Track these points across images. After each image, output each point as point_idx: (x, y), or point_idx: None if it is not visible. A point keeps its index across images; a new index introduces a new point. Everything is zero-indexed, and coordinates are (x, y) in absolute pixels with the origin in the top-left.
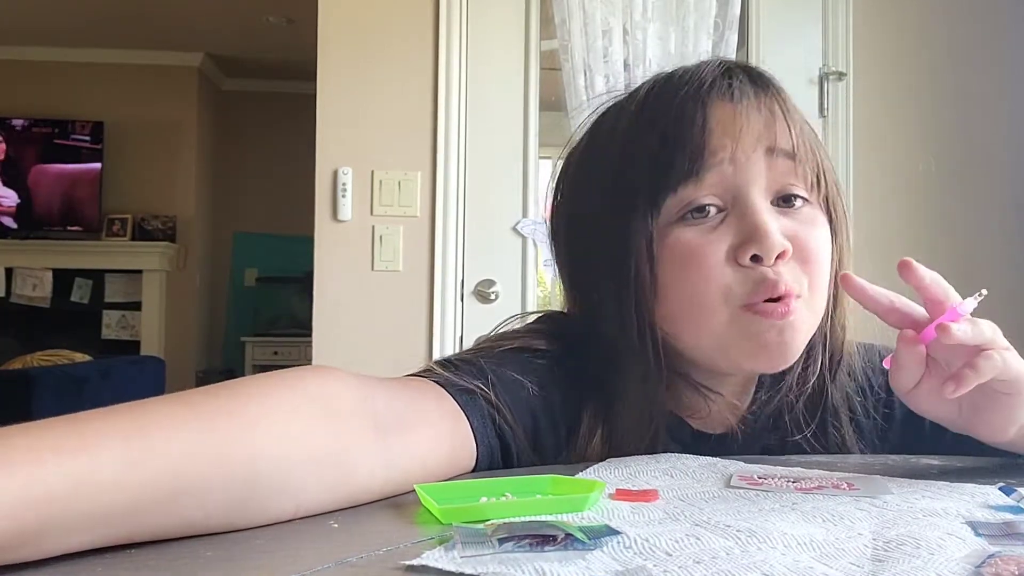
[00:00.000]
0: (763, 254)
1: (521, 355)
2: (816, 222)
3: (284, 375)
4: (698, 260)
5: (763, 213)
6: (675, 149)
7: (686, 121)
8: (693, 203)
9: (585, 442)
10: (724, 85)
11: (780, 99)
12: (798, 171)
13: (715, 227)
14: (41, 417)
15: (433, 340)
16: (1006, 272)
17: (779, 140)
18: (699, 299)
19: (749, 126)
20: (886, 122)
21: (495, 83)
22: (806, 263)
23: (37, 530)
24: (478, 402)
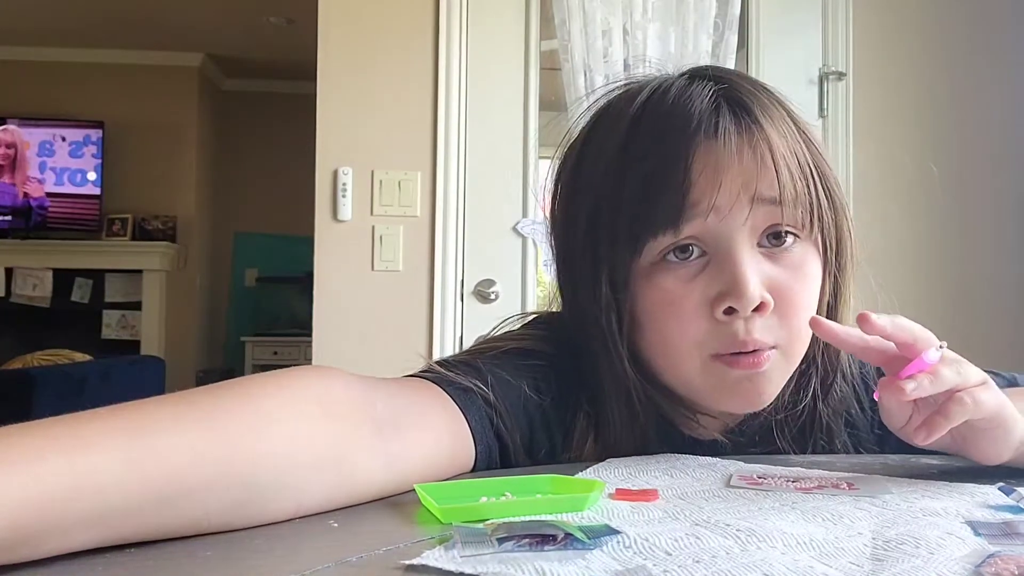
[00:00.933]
0: (739, 308)
1: (518, 357)
2: (804, 263)
3: (284, 375)
4: (675, 309)
5: (743, 264)
6: (656, 196)
7: (669, 168)
8: (675, 244)
9: (579, 445)
10: (711, 126)
11: (769, 137)
12: (784, 214)
13: (696, 274)
14: (41, 417)
15: (433, 340)
16: (1006, 272)
17: (763, 188)
18: (674, 345)
19: (731, 175)
20: (886, 122)
21: (495, 83)
22: (786, 314)
23: (37, 530)
24: (476, 402)
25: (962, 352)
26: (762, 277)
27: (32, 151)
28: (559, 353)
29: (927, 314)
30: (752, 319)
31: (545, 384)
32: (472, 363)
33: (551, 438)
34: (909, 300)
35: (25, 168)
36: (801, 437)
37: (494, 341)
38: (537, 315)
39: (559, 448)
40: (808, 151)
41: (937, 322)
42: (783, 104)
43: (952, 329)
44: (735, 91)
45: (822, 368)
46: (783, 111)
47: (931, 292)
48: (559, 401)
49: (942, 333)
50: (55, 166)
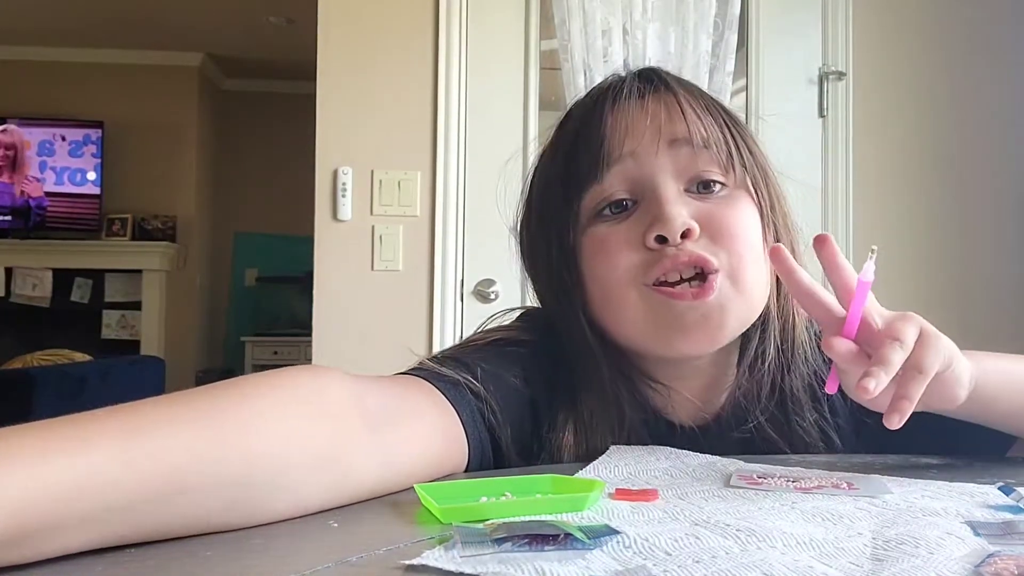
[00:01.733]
0: (666, 233)
1: (504, 347)
2: (735, 202)
3: (278, 375)
4: (607, 249)
5: (667, 197)
6: (578, 156)
7: (586, 127)
8: (606, 199)
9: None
10: (621, 89)
11: (676, 93)
12: (702, 155)
13: (626, 218)
14: (41, 417)
15: (433, 340)
16: (1006, 271)
17: (674, 131)
18: (609, 285)
19: (640, 122)
20: (886, 122)
21: (495, 83)
22: (720, 238)
23: (37, 529)
24: (466, 396)
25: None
26: (689, 211)
27: (32, 151)
28: (544, 341)
29: (927, 313)
30: (683, 244)
31: (532, 371)
32: (461, 358)
33: (536, 426)
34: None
35: (24, 168)
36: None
37: (482, 336)
38: (525, 309)
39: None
40: (727, 117)
41: (937, 321)
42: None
43: (952, 329)
44: (653, 70)
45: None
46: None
47: (931, 291)
48: (546, 387)
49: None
50: (55, 166)
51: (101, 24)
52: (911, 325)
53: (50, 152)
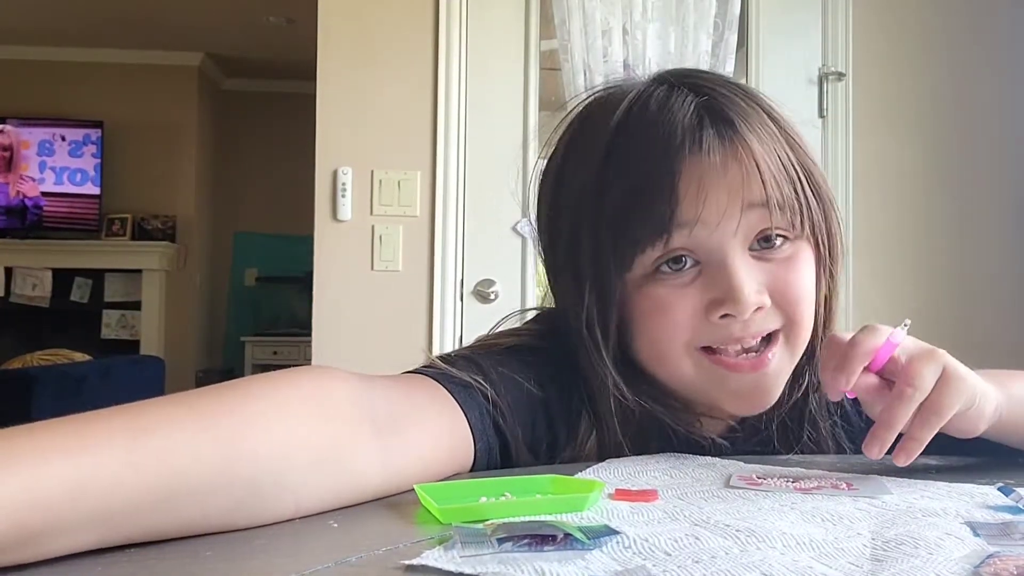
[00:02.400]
0: (737, 314)
1: (520, 353)
2: (798, 259)
3: (284, 375)
4: (668, 315)
5: (738, 272)
6: (643, 213)
7: (654, 184)
8: (666, 256)
9: (583, 440)
10: (695, 140)
11: (751, 148)
12: (773, 218)
13: (689, 283)
14: (41, 416)
15: (433, 340)
16: (1006, 272)
17: (750, 195)
18: (665, 346)
19: (718, 187)
20: (886, 122)
21: (495, 83)
22: (786, 304)
23: (39, 531)
24: (476, 398)
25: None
26: (757, 279)
27: (32, 151)
28: (560, 349)
29: (927, 313)
30: (752, 318)
31: (548, 379)
32: (474, 359)
33: (554, 433)
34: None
35: (20, 168)
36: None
37: (496, 338)
38: (538, 311)
39: (561, 443)
40: (791, 151)
41: (937, 321)
42: (762, 105)
43: (952, 328)
44: (716, 101)
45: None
46: (763, 114)
47: (931, 291)
48: (561, 396)
49: (942, 332)
50: (55, 166)
51: (101, 24)
52: (931, 365)
53: (50, 152)
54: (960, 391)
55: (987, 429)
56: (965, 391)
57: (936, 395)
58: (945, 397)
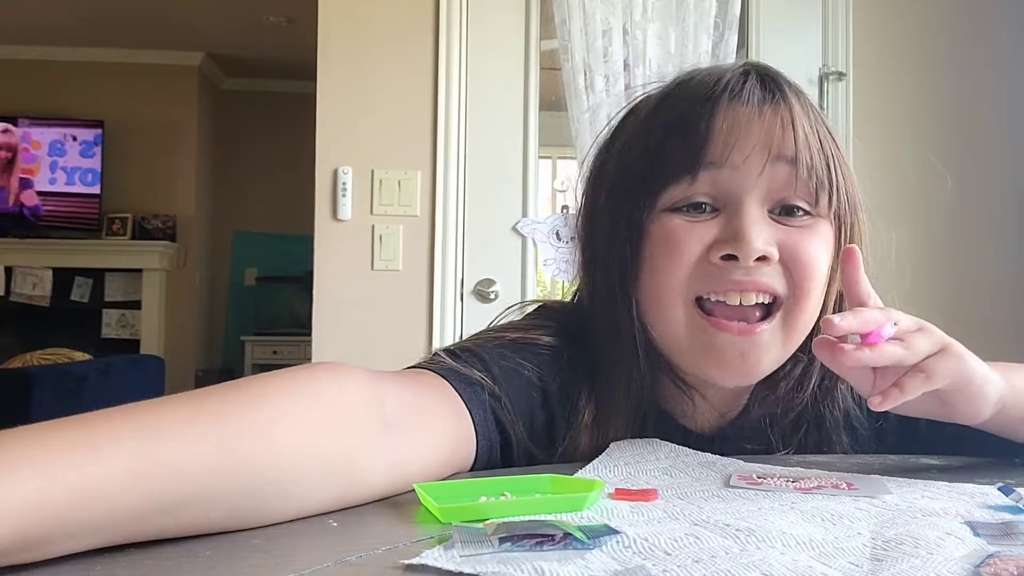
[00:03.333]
0: (740, 256)
1: (521, 346)
2: (815, 232)
3: (295, 376)
4: (675, 245)
5: (751, 216)
6: (674, 147)
7: (691, 120)
8: (688, 199)
9: (578, 425)
10: (737, 87)
11: (793, 108)
12: (799, 181)
13: (704, 221)
14: (40, 416)
15: (433, 340)
16: (1006, 271)
17: (781, 147)
18: (664, 286)
19: (750, 130)
20: (886, 122)
21: (495, 83)
22: (793, 268)
23: (43, 536)
24: (481, 396)
25: None
26: (768, 235)
27: (32, 150)
28: (563, 342)
29: (928, 314)
30: (756, 267)
31: (548, 372)
32: (477, 352)
33: (554, 425)
34: (909, 300)
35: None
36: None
37: (498, 331)
38: (539, 303)
39: (561, 435)
40: (832, 141)
41: (937, 321)
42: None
43: (953, 329)
44: (765, 68)
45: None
46: (813, 107)
47: (931, 292)
48: (562, 388)
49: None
50: (55, 165)
51: (101, 24)
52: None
53: (50, 152)
54: (955, 367)
55: (990, 418)
56: (961, 369)
57: (929, 361)
58: (937, 364)
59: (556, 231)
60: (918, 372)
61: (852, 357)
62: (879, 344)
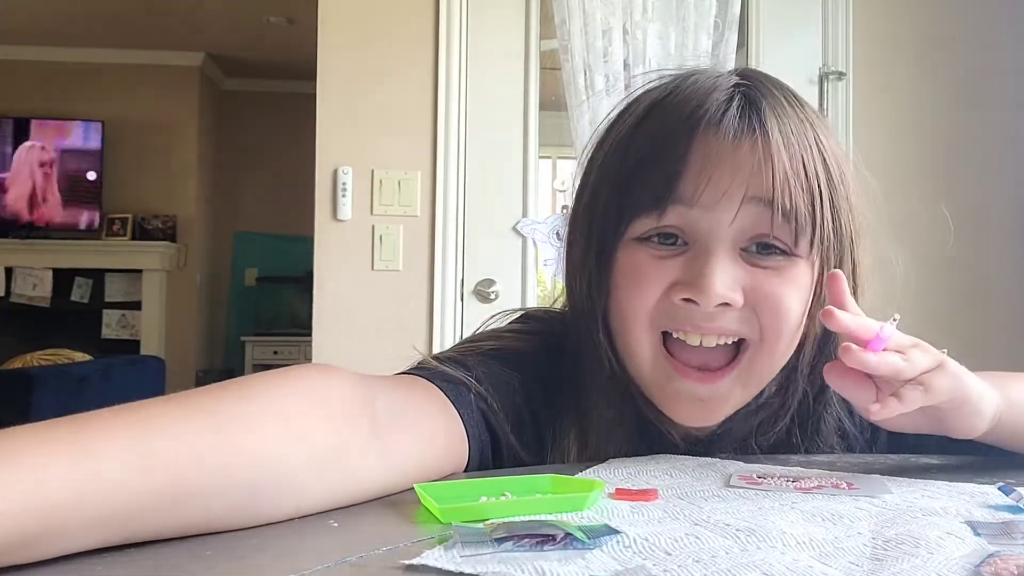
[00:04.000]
0: (700, 302)
1: (504, 356)
2: (787, 277)
3: (283, 375)
4: (638, 280)
5: (715, 261)
6: (646, 177)
7: (664, 152)
8: (657, 230)
9: (563, 438)
10: (716, 117)
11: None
12: (775, 222)
13: (670, 256)
14: (41, 417)
15: (433, 340)
16: (1007, 272)
17: (755, 188)
18: (630, 317)
19: (723, 170)
20: (886, 122)
21: (495, 83)
22: (762, 313)
23: (40, 534)
24: (468, 396)
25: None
26: (736, 279)
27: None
28: (545, 352)
29: (927, 315)
30: (720, 312)
31: (532, 381)
32: (460, 360)
33: (539, 434)
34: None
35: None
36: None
37: (480, 340)
38: (525, 312)
39: (547, 444)
40: (824, 169)
41: (938, 322)
42: (810, 119)
43: (953, 329)
44: (754, 91)
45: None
46: (806, 125)
47: (931, 292)
48: (546, 398)
49: (943, 333)
50: (55, 165)
51: (101, 24)
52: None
53: (50, 152)
54: (952, 385)
55: (987, 432)
56: (958, 387)
57: (928, 375)
58: (936, 379)
59: (556, 231)
60: (917, 385)
61: (855, 358)
62: (880, 351)
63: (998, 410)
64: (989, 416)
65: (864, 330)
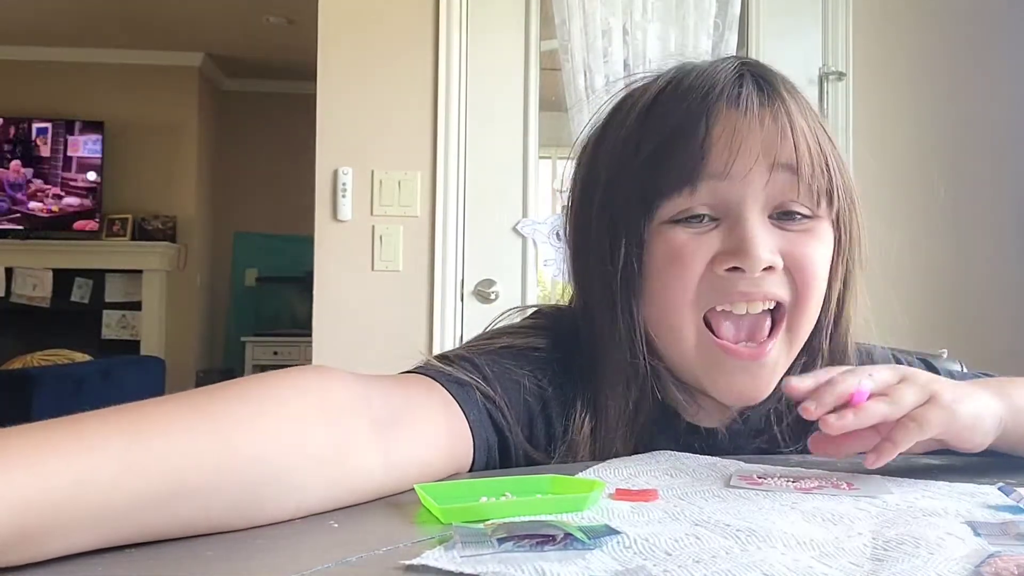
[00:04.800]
0: (746, 268)
1: (516, 352)
2: (816, 236)
3: (281, 376)
4: (680, 261)
5: (754, 227)
6: (672, 158)
7: (688, 130)
8: (687, 211)
9: (575, 433)
10: (733, 93)
11: (790, 110)
12: (800, 187)
13: (705, 232)
14: (41, 417)
15: (433, 340)
16: (1006, 272)
17: (781, 155)
18: (673, 303)
19: (751, 140)
20: (886, 122)
21: (495, 83)
22: (797, 274)
23: (39, 530)
24: (474, 396)
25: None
26: (771, 243)
27: (33, 151)
28: (558, 347)
29: (927, 315)
30: (763, 276)
31: (544, 376)
32: (470, 358)
33: (551, 429)
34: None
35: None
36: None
37: (492, 337)
38: (537, 308)
39: (559, 440)
40: (829, 139)
41: (937, 323)
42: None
43: (952, 330)
44: (760, 68)
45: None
46: (808, 102)
47: (931, 292)
48: (558, 392)
49: (942, 333)
50: (55, 166)
51: (101, 24)
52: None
53: (51, 152)
54: (945, 416)
55: (993, 442)
56: (950, 419)
57: (920, 410)
58: (928, 413)
59: (556, 231)
60: (909, 421)
61: (836, 426)
62: (862, 404)
63: (1002, 420)
64: (992, 431)
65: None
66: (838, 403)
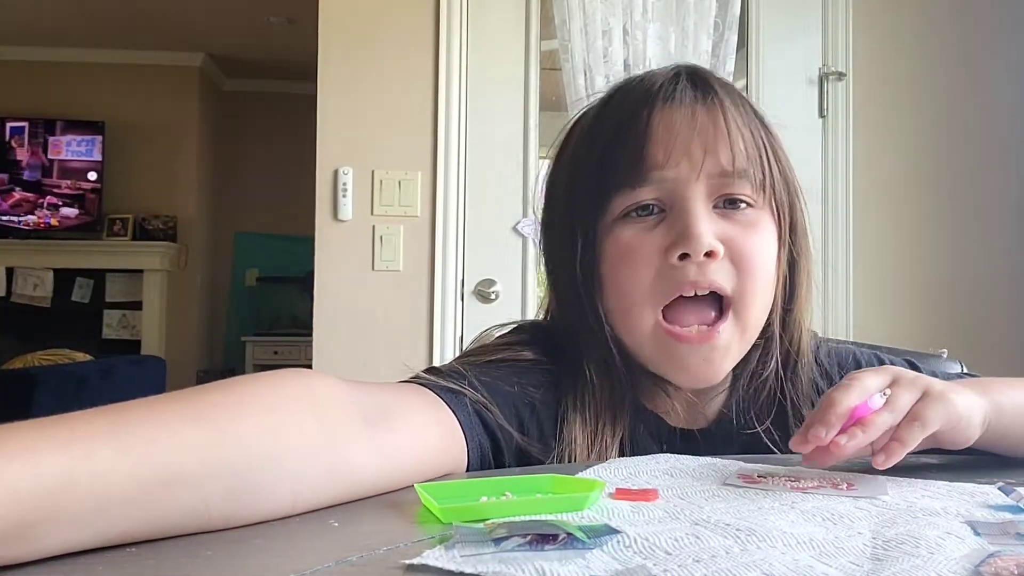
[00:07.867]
0: (690, 251)
1: (502, 364)
2: (758, 225)
3: (270, 374)
4: (631, 257)
5: (696, 214)
6: (617, 156)
7: (630, 126)
8: (636, 203)
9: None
10: (669, 89)
11: (724, 107)
12: (736, 175)
13: (653, 226)
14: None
15: (433, 340)
16: (1005, 272)
17: (716, 144)
18: (628, 297)
19: (686, 130)
20: (886, 122)
21: (495, 83)
22: (740, 263)
23: (35, 522)
24: (464, 401)
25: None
26: (715, 230)
27: (33, 151)
28: (541, 355)
29: (927, 314)
30: (705, 263)
31: (533, 384)
32: (459, 370)
33: (543, 435)
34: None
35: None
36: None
37: (479, 352)
38: (518, 324)
39: (551, 445)
40: (764, 132)
41: (937, 322)
42: (744, 97)
43: (952, 329)
44: (696, 68)
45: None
46: (744, 100)
47: (931, 292)
48: (546, 399)
49: (942, 332)
50: (56, 166)
51: (101, 24)
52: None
53: (51, 152)
54: (943, 409)
55: (978, 439)
56: (948, 411)
57: (918, 407)
58: (927, 409)
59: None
60: (912, 421)
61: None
62: (868, 417)
63: (987, 417)
64: (979, 426)
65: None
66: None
